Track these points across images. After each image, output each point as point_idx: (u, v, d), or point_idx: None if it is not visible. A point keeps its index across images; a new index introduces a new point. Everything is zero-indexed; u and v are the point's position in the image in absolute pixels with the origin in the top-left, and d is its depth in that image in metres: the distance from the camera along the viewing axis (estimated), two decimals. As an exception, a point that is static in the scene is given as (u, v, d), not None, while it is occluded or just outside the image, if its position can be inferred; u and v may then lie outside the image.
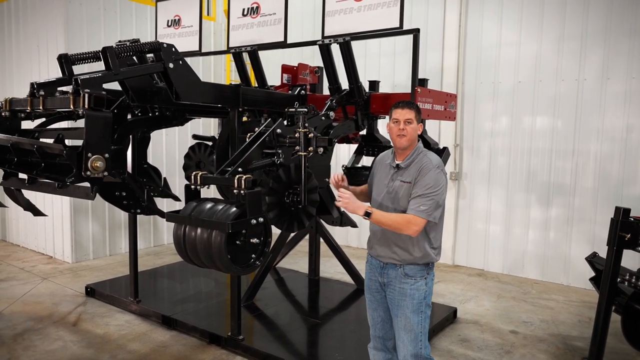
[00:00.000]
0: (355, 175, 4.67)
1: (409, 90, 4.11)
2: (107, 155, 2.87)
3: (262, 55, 4.91)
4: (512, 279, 6.71)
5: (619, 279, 3.76)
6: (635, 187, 5.99)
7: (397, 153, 3.10)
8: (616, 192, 6.10)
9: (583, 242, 6.33)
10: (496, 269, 7.01)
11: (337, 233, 6.13)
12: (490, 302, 5.80)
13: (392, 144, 3.12)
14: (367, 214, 2.88)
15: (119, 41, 3.78)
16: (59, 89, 3.69)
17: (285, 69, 5.44)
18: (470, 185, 7.21)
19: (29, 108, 3.44)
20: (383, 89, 5.03)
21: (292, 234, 5.82)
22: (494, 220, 7.03)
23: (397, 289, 3.03)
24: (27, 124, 4.06)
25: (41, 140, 3.68)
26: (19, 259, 7.26)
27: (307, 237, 6.20)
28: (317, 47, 4.24)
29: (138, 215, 5.03)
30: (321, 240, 6.04)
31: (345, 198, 2.92)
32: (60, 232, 7.17)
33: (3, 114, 3.72)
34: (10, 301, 5.50)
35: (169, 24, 5.58)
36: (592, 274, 4.33)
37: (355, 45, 4.22)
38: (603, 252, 3.94)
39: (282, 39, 4.55)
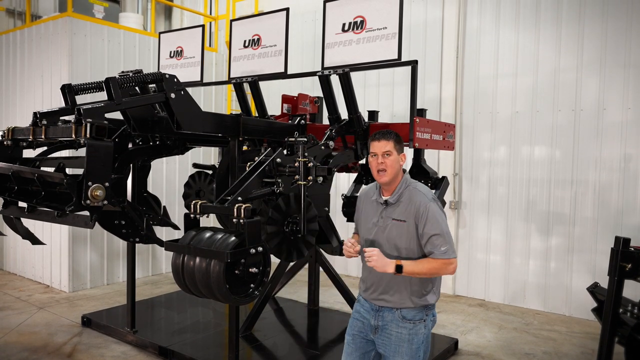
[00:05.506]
0: (354, 204, 4.67)
1: (407, 120, 4.16)
2: (107, 184, 2.88)
3: (263, 85, 4.98)
4: (513, 309, 6.63)
5: (621, 310, 3.72)
6: (635, 216, 5.99)
7: (382, 188, 2.91)
8: (616, 222, 6.09)
9: (584, 272, 6.29)
10: (497, 299, 6.94)
11: (337, 262, 6.09)
12: (491, 333, 5.72)
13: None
14: (399, 269, 2.63)
15: (122, 72, 3.84)
16: (61, 118, 3.74)
17: (286, 99, 5.52)
18: (469, 215, 7.20)
19: (31, 137, 3.48)
20: (382, 118, 5.09)
21: (292, 264, 5.78)
22: (494, 249, 7.00)
23: (393, 334, 2.77)
24: (29, 153, 4.08)
25: (42, 168, 3.70)
26: (16, 287, 7.19)
27: (306, 266, 6.16)
28: (317, 77, 4.31)
29: (136, 244, 5.01)
30: (320, 269, 6.00)
31: (374, 256, 2.65)
32: (58, 261, 7.12)
33: (5, 142, 3.76)
34: (5, 331, 5.42)
35: (172, 55, 5.68)
36: (594, 304, 4.28)
37: (355, 76, 4.28)
38: (604, 282, 3.91)
39: (282, 70, 4.63)
